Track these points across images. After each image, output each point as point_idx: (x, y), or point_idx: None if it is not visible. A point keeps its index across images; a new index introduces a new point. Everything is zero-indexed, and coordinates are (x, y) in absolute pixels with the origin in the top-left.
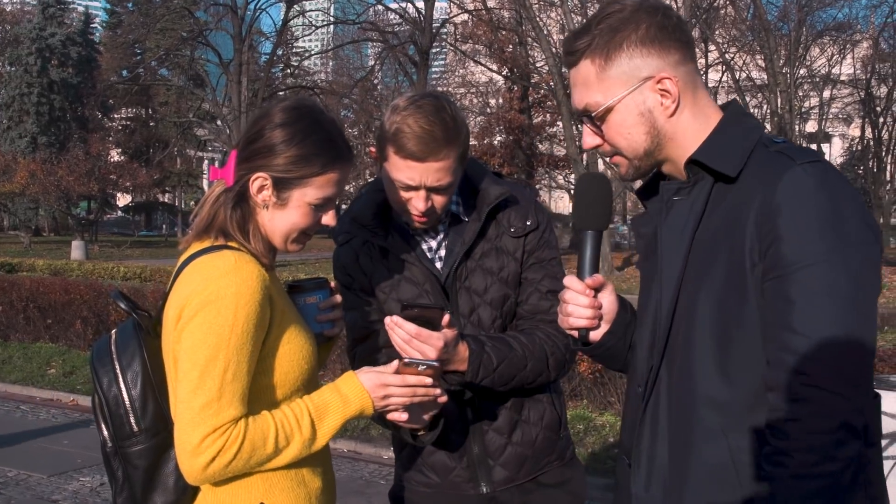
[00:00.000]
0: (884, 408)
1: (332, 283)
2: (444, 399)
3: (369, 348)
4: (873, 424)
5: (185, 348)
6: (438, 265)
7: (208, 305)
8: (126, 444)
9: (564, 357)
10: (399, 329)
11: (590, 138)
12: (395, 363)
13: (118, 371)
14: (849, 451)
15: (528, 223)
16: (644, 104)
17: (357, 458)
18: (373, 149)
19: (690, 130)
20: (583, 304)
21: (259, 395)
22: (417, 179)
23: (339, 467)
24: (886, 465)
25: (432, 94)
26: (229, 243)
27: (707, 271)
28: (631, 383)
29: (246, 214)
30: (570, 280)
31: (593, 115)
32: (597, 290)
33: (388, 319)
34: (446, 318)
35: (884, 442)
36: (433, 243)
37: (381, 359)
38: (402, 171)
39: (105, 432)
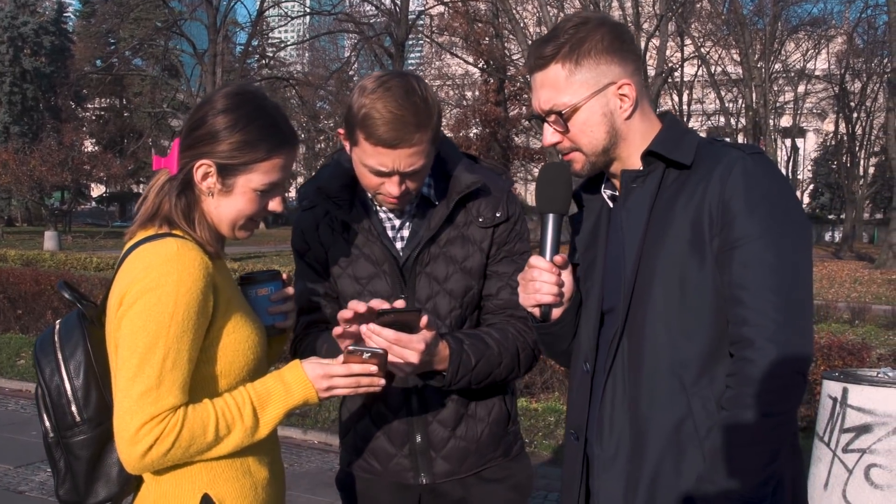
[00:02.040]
0: (851, 401)
1: (285, 276)
2: (383, 382)
3: (312, 321)
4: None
5: (125, 335)
6: (399, 245)
7: (149, 293)
8: (68, 435)
9: (533, 353)
10: (377, 337)
11: (551, 136)
12: (341, 356)
13: (60, 361)
14: (799, 394)
15: (498, 214)
16: (606, 106)
17: (327, 450)
18: (341, 130)
19: (640, 132)
20: (549, 282)
21: (203, 384)
22: (390, 165)
23: (310, 459)
24: (853, 457)
25: (400, 73)
26: (174, 231)
27: (663, 244)
28: (576, 363)
29: (191, 202)
30: (535, 259)
31: (562, 113)
32: (561, 268)
33: (364, 328)
34: (424, 319)
35: (850, 435)
36: (396, 222)
37: (322, 342)
38: (373, 157)
39: (47, 423)
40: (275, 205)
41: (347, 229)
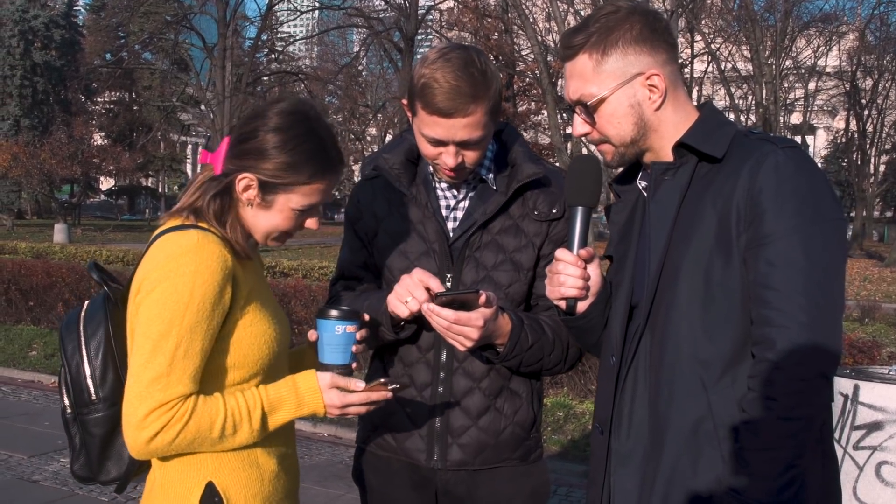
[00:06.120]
0: (862, 398)
1: (365, 317)
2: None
3: (348, 286)
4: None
5: (141, 322)
6: (451, 225)
7: (166, 281)
8: (84, 412)
9: (579, 351)
10: (437, 317)
11: (580, 126)
12: (362, 383)
13: (82, 340)
14: (822, 398)
15: (554, 210)
16: (634, 97)
17: (337, 443)
18: (405, 101)
19: (672, 123)
20: (574, 275)
21: (215, 374)
22: (445, 135)
23: (320, 451)
24: (864, 454)
25: (462, 46)
26: (199, 223)
27: (691, 240)
28: (605, 356)
29: (225, 205)
30: (561, 252)
31: (588, 104)
32: (587, 261)
33: (425, 307)
34: (482, 297)
35: (861, 432)
36: (452, 201)
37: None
38: (430, 126)
39: (66, 399)
40: (311, 223)
41: (405, 204)
